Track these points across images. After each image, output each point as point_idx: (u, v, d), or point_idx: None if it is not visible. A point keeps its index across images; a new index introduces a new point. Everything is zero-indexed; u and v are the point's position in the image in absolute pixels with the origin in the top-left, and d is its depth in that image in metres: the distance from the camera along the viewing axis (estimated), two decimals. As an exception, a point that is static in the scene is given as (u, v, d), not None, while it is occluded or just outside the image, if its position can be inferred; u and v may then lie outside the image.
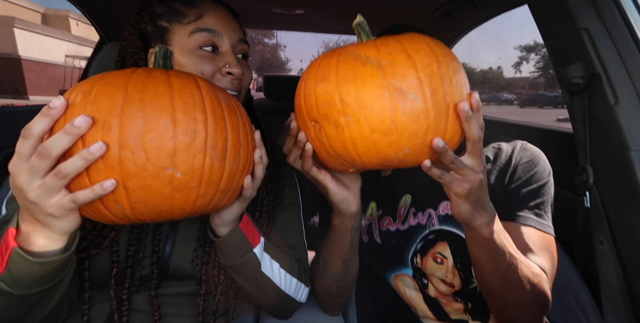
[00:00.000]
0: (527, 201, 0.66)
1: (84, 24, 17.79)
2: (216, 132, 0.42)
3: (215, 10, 0.62)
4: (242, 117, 0.48)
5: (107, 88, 0.39)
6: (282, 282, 0.63)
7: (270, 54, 39.04)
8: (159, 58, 0.47)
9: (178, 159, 0.39)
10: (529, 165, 0.68)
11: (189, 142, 0.40)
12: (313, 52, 51.54)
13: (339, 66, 0.47)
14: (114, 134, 0.37)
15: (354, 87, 0.45)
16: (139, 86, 0.40)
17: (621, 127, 0.75)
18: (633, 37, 0.75)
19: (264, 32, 31.11)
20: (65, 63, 16.24)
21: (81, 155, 0.36)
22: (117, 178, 0.38)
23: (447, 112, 0.45)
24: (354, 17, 0.54)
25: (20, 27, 14.02)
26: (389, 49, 0.47)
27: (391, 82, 0.44)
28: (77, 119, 0.36)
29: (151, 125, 0.38)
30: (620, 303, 0.77)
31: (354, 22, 0.53)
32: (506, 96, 31.72)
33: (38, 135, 0.37)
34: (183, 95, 0.41)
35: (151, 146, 0.38)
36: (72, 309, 0.59)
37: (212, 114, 0.42)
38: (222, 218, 0.54)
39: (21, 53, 14.12)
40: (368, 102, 0.44)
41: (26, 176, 0.37)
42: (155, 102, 0.39)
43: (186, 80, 0.43)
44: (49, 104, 0.37)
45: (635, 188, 0.73)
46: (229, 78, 0.61)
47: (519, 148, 0.70)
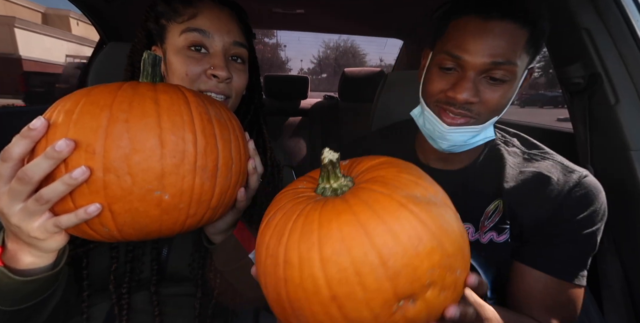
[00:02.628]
0: (565, 250, 0.59)
1: (84, 24, 17.79)
2: (206, 151, 0.40)
3: (212, 11, 0.60)
4: (235, 129, 0.46)
5: (91, 107, 0.37)
6: None
7: (270, 54, 39.05)
8: (147, 65, 0.45)
9: (166, 182, 0.37)
10: (580, 206, 0.59)
11: (177, 164, 0.38)
12: (313, 52, 51.57)
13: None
14: (98, 158, 0.35)
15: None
16: (124, 105, 0.37)
17: (621, 127, 0.75)
18: (634, 37, 0.75)
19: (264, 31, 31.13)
20: (66, 63, 16.24)
21: (63, 180, 0.35)
22: (102, 202, 0.36)
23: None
24: (354, 17, 0.53)
25: (20, 26, 14.01)
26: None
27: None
28: (59, 142, 0.34)
29: (137, 146, 0.36)
30: (620, 303, 0.77)
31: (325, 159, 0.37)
32: (506, 96, 31.65)
33: (17, 157, 0.35)
34: (171, 114, 0.38)
35: (137, 169, 0.36)
36: (71, 311, 0.59)
37: (202, 132, 0.40)
38: (216, 228, 0.54)
39: (22, 53, 14.11)
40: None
41: (7, 200, 0.36)
42: (142, 122, 0.37)
43: (174, 97, 0.40)
44: (29, 125, 0.35)
45: (635, 188, 0.73)
46: (214, 80, 0.60)
47: (573, 182, 0.60)
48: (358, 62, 39.73)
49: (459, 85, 0.56)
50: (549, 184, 0.60)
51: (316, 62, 43.24)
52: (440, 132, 0.61)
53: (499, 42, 0.54)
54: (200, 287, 0.63)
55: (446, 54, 0.57)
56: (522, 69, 0.57)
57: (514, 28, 0.54)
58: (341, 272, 0.31)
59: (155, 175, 0.37)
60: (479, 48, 0.54)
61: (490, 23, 0.54)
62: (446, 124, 0.59)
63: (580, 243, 0.59)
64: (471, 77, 0.56)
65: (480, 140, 0.62)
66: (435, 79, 0.60)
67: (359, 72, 2.17)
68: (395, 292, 0.31)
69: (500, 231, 0.63)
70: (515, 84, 0.57)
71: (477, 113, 0.58)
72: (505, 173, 0.63)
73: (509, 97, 0.58)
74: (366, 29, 1.91)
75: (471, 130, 0.59)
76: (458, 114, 0.58)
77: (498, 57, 0.54)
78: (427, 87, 0.62)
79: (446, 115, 0.59)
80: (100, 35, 1.56)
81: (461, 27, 0.56)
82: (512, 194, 0.62)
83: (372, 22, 1.68)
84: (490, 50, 0.54)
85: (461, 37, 0.56)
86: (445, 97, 0.58)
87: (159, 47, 0.62)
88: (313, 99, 2.32)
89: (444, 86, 0.58)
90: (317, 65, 43.25)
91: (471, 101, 0.56)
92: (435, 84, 0.60)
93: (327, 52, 42.11)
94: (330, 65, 40.69)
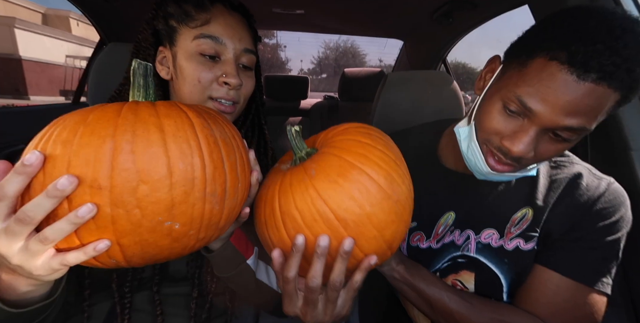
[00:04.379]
0: (591, 255, 0.58)
1: (85, 24, 17.82)
2: (214, 176, 0.39)
3: (225, 17, 0.60)
4: (239, 146, 0.44)
5: (92, 138, 0.34)
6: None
7: (270, 54, 39.06)
8: (138, 76, 0.42)
9: (176, 212, 0.36)
10: (610, 212, 0.58)
11: (187, 192, 0.36)
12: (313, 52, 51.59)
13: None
14: (104, 193, 0.33)
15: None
16: (128, 135, 0.34)
17: (621, 127, 0.75)
18: (633, 37, 0.75)
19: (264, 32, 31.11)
20: (66, 63, 16.25)
21: (69, 219, 0.33)
22: (110, 237, 0.35)
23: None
24: (354, 18, 0.54)
25: (20, 27, 14.02)
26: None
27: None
28: (61, 180, 0.32)
29: (145, 178, 0.34)
30: (620, 303, 0.77)
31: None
32: (506, 96, 31.67)
33: (13, 195, 0.33)
34: (178, 141, 0.36)
35: (147, 202, 0.34)
36: (71, 310, 0.59)
37: (210, 156, 0.38)
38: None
39: (22, 53, 14.12)
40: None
41: (5, 240, 0.34)
42: (148, 152, 0.34)
43: (179, 121, 0.38)
44: (23, 160, 0.32)
45: (635, 188, 0.73)
46: (225, 88, 0.60)
47: (603, 187, 0.59)
48: (358, 62, 39.76)
49: (517, 137, 0.49)
50: (578, 190, 0.60)
51: (316, 63, 43.28)
52: (480, 170, 0.58)
53: (582, 107, 0.45)
54: (197, 286, 0.63)
55: (517, 98, 0.49)
56: (595, 124, 0.49)
57: (607, 92, 0.44)
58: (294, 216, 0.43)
59: (165, 206, 0.35)
60: (556, 107, 0.46)
61: (582, 84, 0.44)
62: (489, 167, 0.55)
63: (604, 249, 0.58)
64: (534, 131, 0.49)
65: (520, 175, 0.59)
66: (495, 117, 0.52)
67: (359, 73, 2.18)
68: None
69: (528, 239, 0.62)
70: (580, 139, 0.51)
71: (525, 164, 0.54)
72: (537, 183, 0.63)
73: (563, 151, 0.53)
74: (366, 29, 1.91)
75: (513, 175, 0.57)
76: (506, 164, 0.54)
77: (574, 122, 0.46)
78: (484, 121, 0.54)
79: (492, 158, 0.55)
80: (101, 35, 1.56)
81: (545, 73, 0.46)
82: (547, 203, 0.61)
83: (372, 23, 1.69)
84: (569, 113, 0.46)
85: (540, 87, 0.46)
86: (499, 143, 0.52)
87: (167, 49, 0.62)
88: (313, 99, 2.32)
89: (502, 130, 0.51)
90: (317, 65, 43.28)
91: (525, 157, 0.51)
92: (494, 123, 0.52)
93: (327, 53, 42.14)
94: (330, 65, 40.71)
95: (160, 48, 0.63)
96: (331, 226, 0.41)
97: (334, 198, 0.41)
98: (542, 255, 0.62)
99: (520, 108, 0.49)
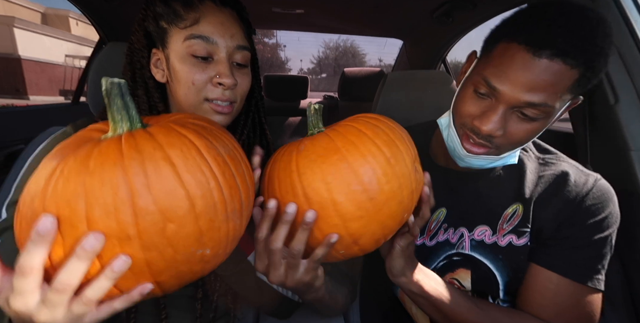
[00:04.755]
0: (583, 253, 0.59)
1: (84, 24, 17.79)
2: (232, 194, 0.38)
3: (215, 14, 0.58)
4: (241, 155, 0.44)
5: (104, 189, 0.32)
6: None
7: (270, 54, 39.05)
8: (114, 97, 0.37)
9: (205, 239, 0.36)
10: (598, 209, 0.59)
11: (212, 219, 0.36)
12: (313, 52, 51.60)
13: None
14: (134, 241, 0.32)
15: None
16: (140, 177, 0.33)
17: (621, 127, 0.75)
18: (633, 37, 0.75)
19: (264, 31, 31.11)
20: (65, 63, 16.24)
21: (106, 276, 0.32)
22: (149, 280, 0.35)
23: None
24: (354, 17, 0.54)
25: (20, 26, 14.01)
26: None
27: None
28: (88, 240, 0.30)
29: (170, 216, 0.33)
30: (620, 304, 0.77)
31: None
32: (506, 96, 31.71)
33: (40, 267, 0.31)
34: (191, 170, 0.35)
35: (177, 238, 0.34)
36: None
37: (223, 177, 0.38)
38: None
39: (21, 53, 14.10)
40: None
41: (46, 311, 0.32)
42: (166, 190, 0.33)
43: (185, 148, 0.36)
44: (38, 229, 0.30)
45: (635, 188, 0.73)
46: (220, 88, 0.58)
47: (591, 183, 0.61)
48: (358, 62, 39.76)
49: (486, 116, 0.54)
50: (567, 186, 0.61)
51: (316, 62, 43.27)
52: (459, 154, 0.60)
53: (540, 83, 0.49)
54: (201, 287, 0.63)
55: (483, 79, 0.53)
56: (563, 105, 0.54)
57: (562, 69, 0.48)
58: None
59: (195, 238, 0.35)
60: (517, 84, 0.50)
61: (538, 60, 0.48)
62: (465, 150, 0.58)
63: (596, 246, 0.60)
64: (501, 110, 0.53)
65: (500, 165, 0.62)
66: (467, 101, 0.57)
67: (359, 72, 2.18)
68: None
69: (520, 234, 0.63)
70: (547, 121, 0.55)
71: (497, 145, 0.56)
72: (525, 179, 0.64)
73: (536, 133, 0.56)
74: (366, 29, 1.91)
75: (489, 159, 0.59)
76: (479, 143, 0.57)
77: (535, 98, 0.50)
78: (458, 106, 0.59)
79: (467, 141, 0.58)
80: (100, 35, 1.56)
81: (507, 55, 0.51)
82: (532, 198, 0.63)
83: (372, 22, 1.68)
84: (529, 89, 0.50)
85: (502, 67, 0.51)
86: (471, 124, 0.56)
87: (160, 51, 0.60)
88: (313, 99, 2.32)
89: (474, 111, 0.56)
90: (316, 65, 43.28)
91: (495, 135, 0.54)
92: (467, 106, 0.57)
93: (327, 52, 42.14)
94: (330, 65, 40.70)
95: (154, 50, 0.61)
96: (298, 200, 0.43)
97: (307, 176, 0.43)
98: (537, 254, 0.62)
99: (487, 89, 0.54)
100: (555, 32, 0.48)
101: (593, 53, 0.48)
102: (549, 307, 0.60)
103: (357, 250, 0.47)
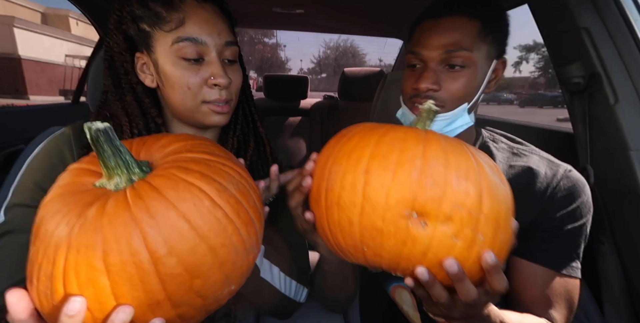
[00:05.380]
0: (558, 242, 0.61)
1: (84, 24, 17.78)
2: (248, 232, 0.38)
3: (199, 13, 0.56)
4: (248, 183, 0.42)
5: (127, 261, 0.31)
6: (281, 285, 0.63)
7: (270, 54, 39.02)
8: (102, 144, 0.35)
9: (231, 279, 0.37)
10: (569, 199, 0.61)
11: (234, 262, 0.36)
12: (313, 52, 51.58)
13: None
14: (164, 305, 0.33)
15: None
16: (160, 243, 0.32)
17: (621, 127, 0.75)
18: (633, 36, 0.75)
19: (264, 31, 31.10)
20: (65, 63, 16.24)
21: None
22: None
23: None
24: (354, 17, 0.54)
25: (20, 26, 14.01)
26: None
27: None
28: (118, 315, 0.30)
29: (196, 273, 0.33)
30: (621, 303, 0.77)
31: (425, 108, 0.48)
32: (506, 96, 31.72)
33: None
34: (208, 223, 0.34)
35: (204, 289, 0.35)
36: None
37: (239, 218, 0.37)
38: None
39: (21, 53, 14.11)
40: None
41: None
42: (187, 249, 0.33)
43: (197, 201, 0.35)
44: (67, 312, 0.30)
45: (635, 188, 0.73)
46: (216, 89, 0.57)
47: (560, 175, 0.63)
48: (358, 62, 39.76)
49: (421, 76, 0.62)
50: (537, 178, 0.63)
51: (316, 62, 43.28)
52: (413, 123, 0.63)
53: (450, 34, 0.60)
54: None
55: (410, 53, 0.64)
56: (484, 57, 0.61)
57: (462, 21, 0.60)
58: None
59: (221, 283, 0.36)
60: (433, 41, 0.61)
61: (441, 20, 0.61)
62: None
63: (572, 236, 0.61)
64: (431, 67, 0.61)
65: (459, 127, 0.64)
66: (406, 77, 0.66)
67: (359, 72, 2.17)
68: (414, 200, 0.37)
69: None
70: (477, 71, 0.61)
71: (442, 101, 0.61)
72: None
73: (474, 84, 0.62)
74: (366, 28, 1.91)
75: (441, 118, 0.62)
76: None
77: (450, 46, 0.60)
78: (402, 87, 0.67)
79: (416, 107, 0.63)
80: (100, 35, 1.56)
81: (419, 29, 0.64)
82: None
83: (371, 22, 1.68)
84: (443, 41, 0.60)
85: (419, 36, 0.63)
86: (413, 91, 0.63)
87: (145, 55, 0.58)
88: (313, 98, 2.32)
89: (412, 81, 0.63)
90: (316, 65, 43.29)
91: (432, 88, 0.60)
92: (406, 81, 0.65)
93: (327, 52, 42.15)
94: (330, 65, 40.70)
95: (138, 54, 0.59)
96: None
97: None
98: (518, 247, 0.61)
99: (414, 58, 0.64)
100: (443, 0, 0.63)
101: (483, 6, 0.61)
102: (543, 300, 0.60)
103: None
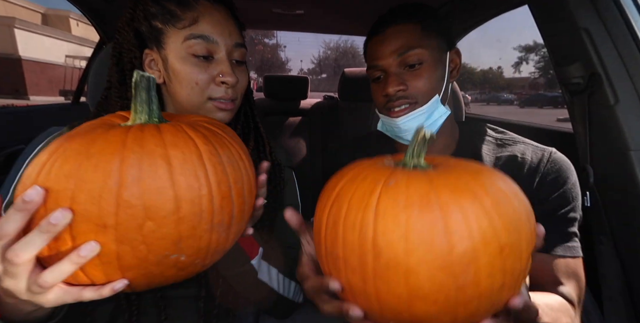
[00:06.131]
0: (553, 224, 0.61)
1: (84, 24, 17.81)
2: (222, 206, 0.37)
3: (212, 13, 0.58)
4: (246, 168, 0.42)
5: (96, 174, 0.32)
6: (280, 286, 0.63)
7: (270, 54, 39.05)
8: (140, 90, 0.39)
9: (183, 245, 0.35)
10: (558, 182, 0.63)
11: (194, 227, 0.35)
12: (313, 52, 51.62)
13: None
14: (109, 231, 0.32)
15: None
16: (134, 170, 0.33)
17: (621, 127, 0.75)
18: (633, 37, 0.75)
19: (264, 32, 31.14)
20: (66, 63, 16.26)
21: (71, 260, 0.31)
22: (117, 273, 0.35)
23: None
24: (354, 18, 0.54)
25: (20, 27, 14.03)
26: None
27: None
28: (55, 214, 0.30)
29: (152, 215, 0.33)
30: (620, 303, 0.77)
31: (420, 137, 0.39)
32: (506, 96, 31.76)
33: (13, 233, 0.31)
34: (186, 173, 0.35)
35: (153, 238, 0.33)
36: (69, 313, 0.59)
37: (218, 188, 0.37)
38: None
39: (21, 53, 14.13)
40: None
41: (10, 281, 0.33)
42: (155, 188, 0.33)
43: (187, 151, 0.36)
44: (24, 197, 0.31)
45: (635, 188, 0.73)
46: (223, 87, 0.59)
47: (546, 158, 0.64)
48: (358, 62, 39.79)
49: (386, 83, 0.67)
50: (524, 165, 0.65)
51: (316, 63, 43.32)
52: (397, 126, 0.68)
53: (397, 40, 0.66)
54: (204, 286, 0.63)
55: (369, 69, 0.71)
56: (436, 51, 0.67)
57: (404, 27, 0.67)
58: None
59: (172, 241, 0.34)
60: (384, 50, 0.67)
61: (385, 32, 0.68)
62: (396, 118, 0.67)
63: (567, 217, 0.63)
64: (392, 72, 0.67)
65: (438, 118, 0.68)
66: (374, 91, 0.72)
67: (359, 73, 2.17)
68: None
69: None
70: (435, 64, 0.67)
71: (413, 97, 0.66)
72: (481, 161, 0.67)
73: (437, 76, 0.67)
74: (366, 29, 1.91)
75: (419, 112, 0.66)
76: (398, 105, 0.67)
77: (401, 49, 0.66)
78: (374, 100, 0.72)
79: (392, 111, 0.68)
80: (100, 35, 1.57)
81: (370, 46, 0.72)
82: None
83: (371, 22, 1.68)
84: (393, 47, 0.66)
85: (372, 52, 0.70)
86: (384, 99, 0.68)
87: (155, 51, 0.59)
88: (313, 99, 2.32)
89: (381, 91, 0.69)
90: (317, 65, 43.32)
91: (400, 89, 0.65)
92: (375, 94, 0.71)
93: (327, 53, 42.19)
94: (330, 65, 40.74)
95: (146, 51, 0.60)
96: (363, 242, 0.34)
97: (387, 222, 0.33)
98: None
99: (375, 70, 0.70)
100: (384, 17, 0.71)
101: (416, 10, 0.68)
102: (556, 284, 0.60)
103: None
